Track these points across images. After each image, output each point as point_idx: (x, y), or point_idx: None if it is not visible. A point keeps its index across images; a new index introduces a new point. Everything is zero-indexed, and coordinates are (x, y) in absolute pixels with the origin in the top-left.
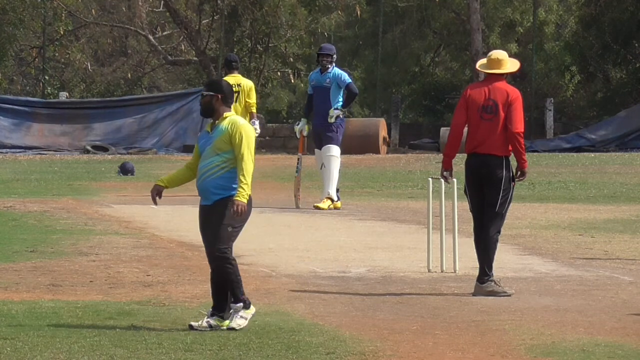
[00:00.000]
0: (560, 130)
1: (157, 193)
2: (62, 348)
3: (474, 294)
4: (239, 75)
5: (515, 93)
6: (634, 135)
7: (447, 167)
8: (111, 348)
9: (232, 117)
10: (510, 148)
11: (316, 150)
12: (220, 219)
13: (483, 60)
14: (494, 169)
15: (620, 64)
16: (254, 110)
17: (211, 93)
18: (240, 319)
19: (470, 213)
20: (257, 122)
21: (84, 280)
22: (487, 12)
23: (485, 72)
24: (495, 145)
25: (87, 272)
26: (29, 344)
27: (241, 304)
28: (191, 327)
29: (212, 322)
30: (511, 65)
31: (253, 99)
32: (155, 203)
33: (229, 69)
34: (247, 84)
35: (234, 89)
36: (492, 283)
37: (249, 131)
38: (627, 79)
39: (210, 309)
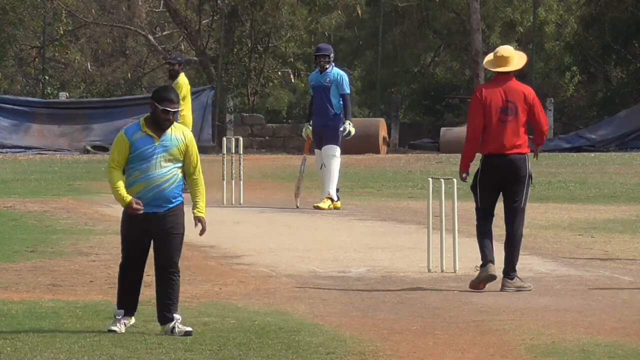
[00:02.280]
0: (560, 130)
1: (136, 203)
2: (62, 348)
3: (502, 289)
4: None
5: (531, 92)
6: (634, 135)
7: (466, 170)
8: (111, 348)
9: (181, 126)
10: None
11: (316, 150)
12: (176, 229)
13: (490, 57)
14: (520, 167)
15: (621, 64)
16: None
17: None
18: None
19: (479, 210)
20: None
21: (84, 280)
22: (487, 12)
23: (492, 71)
24: (520, 145)
25: (87, 272)
26: (29, 344)
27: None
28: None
29: (127, 322)
30: (519, 60)
31: None
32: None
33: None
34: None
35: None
36: (518, 279)
37: None
38: (627, 79)
39: (123, 311)
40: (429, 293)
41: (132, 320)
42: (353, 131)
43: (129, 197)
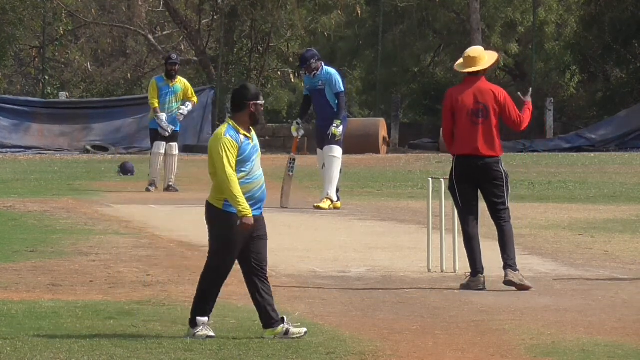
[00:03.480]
0: (560, 130)
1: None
2: (62, 348)
3: (506, 279)
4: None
5: (501, 92)
6: (634, 135)
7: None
8: (111, 348)
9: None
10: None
11: (318, 150)
12: (265, 233)
13: (460, 60)
14: (494, 169)
15: (621, 64)
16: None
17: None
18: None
19: (461, 212)
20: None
21: (84, 280)
22: (487, 12)
23: (462, 72)
24: (492, 146)
25: (87, 272)
26: (29, 344)
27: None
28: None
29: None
30: (488, 59)
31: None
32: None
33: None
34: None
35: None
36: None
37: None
38: (627, 78)
39: (207, 318)
40: (429, 293)
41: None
42: (338, 133)
43: (249, 211)
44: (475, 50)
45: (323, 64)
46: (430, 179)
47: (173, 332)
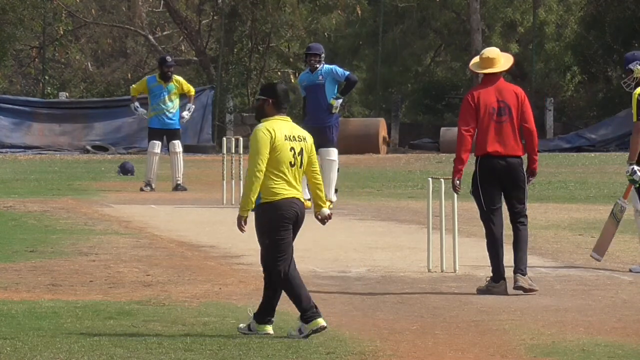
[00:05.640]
0: (560, 130)
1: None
2: (62, 348)
3: (516, 285)
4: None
5: (522, 92)
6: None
7: (459, 176)
8: (111, 348)
9: None
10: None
11: None
12: None
13: (475, 59)
14: (517, 169)
15: (621, 64)
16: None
17: (263, 97)
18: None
19: (485, 214)
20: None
21: (84, 280)
22: (487, 12)
23: (478, 73)
24: (515, 146)
25: (87, 272)
26: (29, 344)
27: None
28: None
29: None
30: (505, 62)
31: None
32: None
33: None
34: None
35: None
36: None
37: (252, 137)
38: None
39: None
40: (429, 293)
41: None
42: (335, 104)
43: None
44: (493, 52)
45: (324, 62)
46: (430, 179)
47: (173, 332)
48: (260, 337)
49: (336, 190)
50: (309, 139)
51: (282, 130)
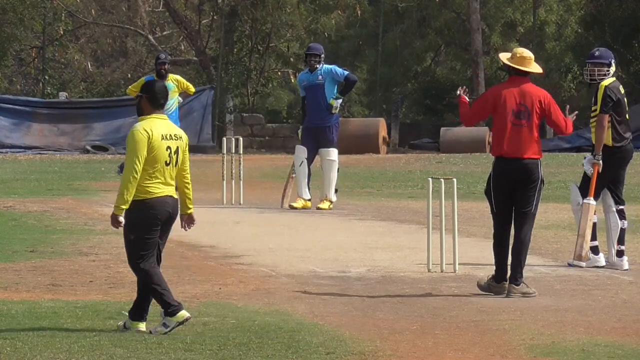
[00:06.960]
0: None
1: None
2: (62, 348)
3: (508, 295)
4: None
5: (547, 96)
6: (634, 135)
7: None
8: (111, 348)
9: None
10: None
11: (299, 147)
12: None
13: (508, 54)
14: (533, 173)
15: (621, 64)
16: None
17: (140, 94)
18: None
19: (495, 216)
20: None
21: (84, 280)
22: (487, 12)
23: (512, 67)
24: (533, 149)
25: (87, 272)
26: (29, 344)
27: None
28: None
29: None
30: (535, 67)
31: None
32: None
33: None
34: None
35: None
36: (524, 284)
37: (129, 137)
38: (627, 79)
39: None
40: (429, 293)
41: None
42: (335, 104)
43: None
44: (529, 53)
45: (323, 63)
46: (430, 179)
47: (173, 332)
48: (260, 337)
49: (336, 190)
50: (185, 137)
51: (159, 130)
